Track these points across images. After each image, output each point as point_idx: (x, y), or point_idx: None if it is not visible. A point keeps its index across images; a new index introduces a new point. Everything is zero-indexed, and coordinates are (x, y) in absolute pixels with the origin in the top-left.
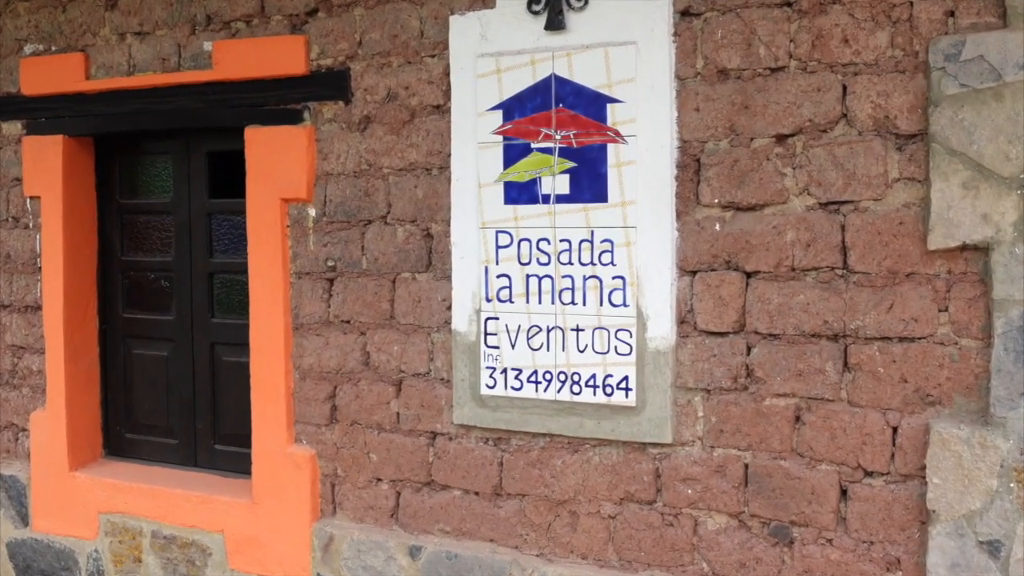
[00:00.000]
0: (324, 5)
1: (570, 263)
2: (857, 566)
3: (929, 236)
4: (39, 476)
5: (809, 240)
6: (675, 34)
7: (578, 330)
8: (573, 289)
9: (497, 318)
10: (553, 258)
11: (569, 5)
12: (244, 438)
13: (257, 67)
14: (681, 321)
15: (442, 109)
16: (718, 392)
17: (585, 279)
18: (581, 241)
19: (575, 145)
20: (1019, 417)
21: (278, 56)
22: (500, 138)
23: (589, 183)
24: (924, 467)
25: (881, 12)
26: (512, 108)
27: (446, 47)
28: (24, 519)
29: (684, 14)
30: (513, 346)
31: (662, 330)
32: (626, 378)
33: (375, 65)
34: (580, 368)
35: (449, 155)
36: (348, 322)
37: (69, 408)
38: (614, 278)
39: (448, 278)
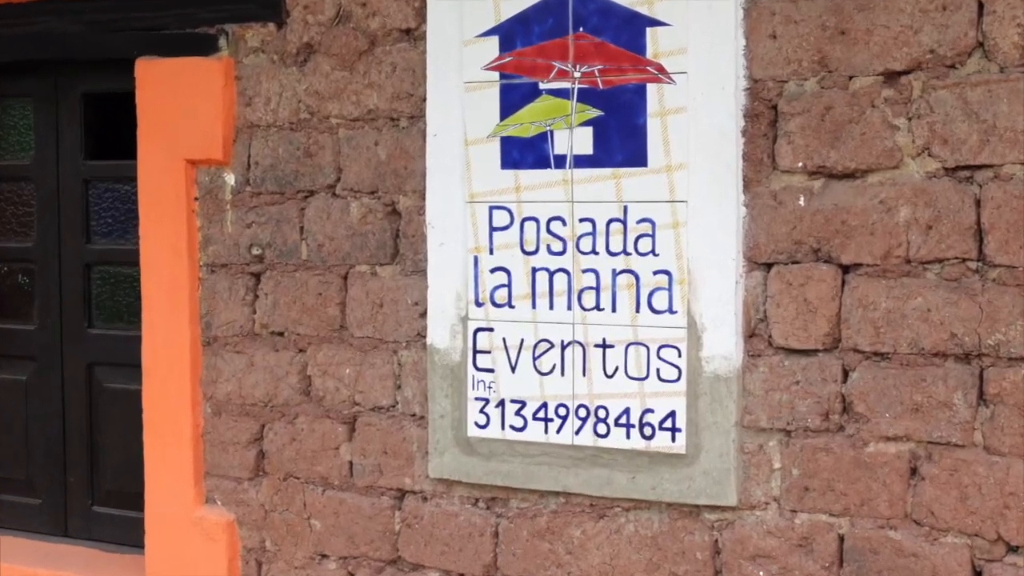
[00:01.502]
0: None
1: (594, 252)
2: None
3: None
4: None
5: (931, 220)
6: None
7: (605, 346)
8: (598, 289)
9: (491, 329)
10: (570, 245)
11: None
12: (134, 497)
13: None
14: (750, 334)
15: (414, 35)
16: (802, 434)
17: (615, 275)
18: (610, 221)
19: (601, 86)
20: None
21: None
22: (495, 76)
23: (621, 139)
24: None
25: None
26: (513, 34)
27: None
28: None
29: None
30: (513, 369)
31: (723, 347)
32: (672, 414)
33: None
34: (608, 400)
35: (423, 100)
36: (281, 334)
37: None
38: (656, 273)
39: (422, 273)
